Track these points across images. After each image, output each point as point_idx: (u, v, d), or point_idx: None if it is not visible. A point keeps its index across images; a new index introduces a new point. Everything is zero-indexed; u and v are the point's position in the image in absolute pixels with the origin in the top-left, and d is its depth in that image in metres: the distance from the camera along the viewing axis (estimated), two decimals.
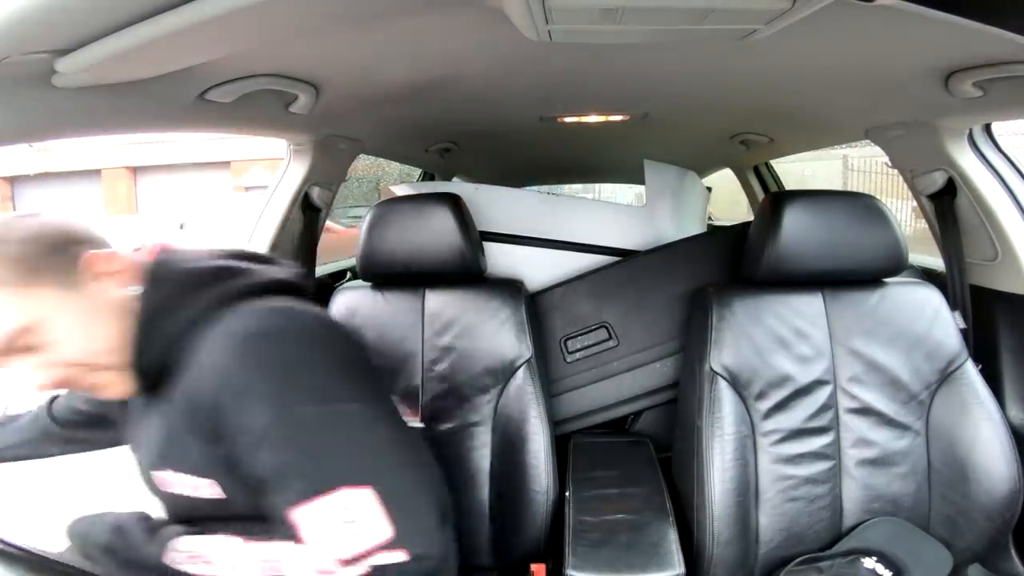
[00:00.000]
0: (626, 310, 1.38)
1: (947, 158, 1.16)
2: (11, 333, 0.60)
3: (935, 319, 1.07)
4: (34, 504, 1.43)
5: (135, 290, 0.67)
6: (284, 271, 0.76)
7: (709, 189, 2.43)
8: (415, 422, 0.80)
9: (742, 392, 1.04)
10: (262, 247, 1.32)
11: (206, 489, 0.66)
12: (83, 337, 0.64)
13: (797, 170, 3.45)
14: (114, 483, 1.02)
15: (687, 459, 1.06)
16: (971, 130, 1.15)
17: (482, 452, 1.11)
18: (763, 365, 1.04)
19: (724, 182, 2.82)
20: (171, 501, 0.71)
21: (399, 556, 0.58)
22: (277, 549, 0.62)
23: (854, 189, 3.72)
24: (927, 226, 1.31)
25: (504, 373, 1.11)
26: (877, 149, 1.33)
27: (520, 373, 1.11)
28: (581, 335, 1.39)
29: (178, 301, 0.67)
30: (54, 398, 0.91)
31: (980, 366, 1.08)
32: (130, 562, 0.65)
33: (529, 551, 1.05)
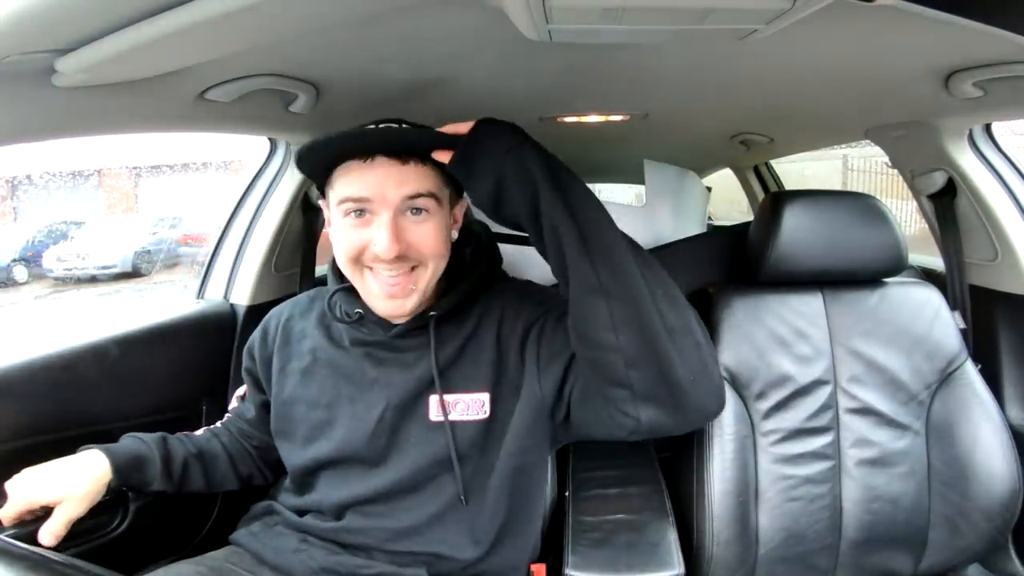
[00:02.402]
0: None
1: (947, 158, 1.16)
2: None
3: (935, 319, 1.07)
4: None
5: None
6: None
7: (709, 189, 2.43)
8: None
9: (742, 392, 1.04)
10: (262, 246, 1.32)
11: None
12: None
13: (797, 170, 3.45)
14: None
15: (687, 459, 1.06)
16: (971, 130, 1.16)
17: None
18: (763, 365, 1.04)
19: (724, 182, 2.82)
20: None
21: None
22: None
23: (854, 189, 3.72)
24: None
25: None
26: (877, 149, 1.33)
27: None
28: None
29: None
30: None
31: (980, 366, 1.08)
32: None
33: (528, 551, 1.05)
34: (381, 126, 0.76)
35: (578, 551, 0.88)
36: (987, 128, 1.18)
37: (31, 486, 0.78)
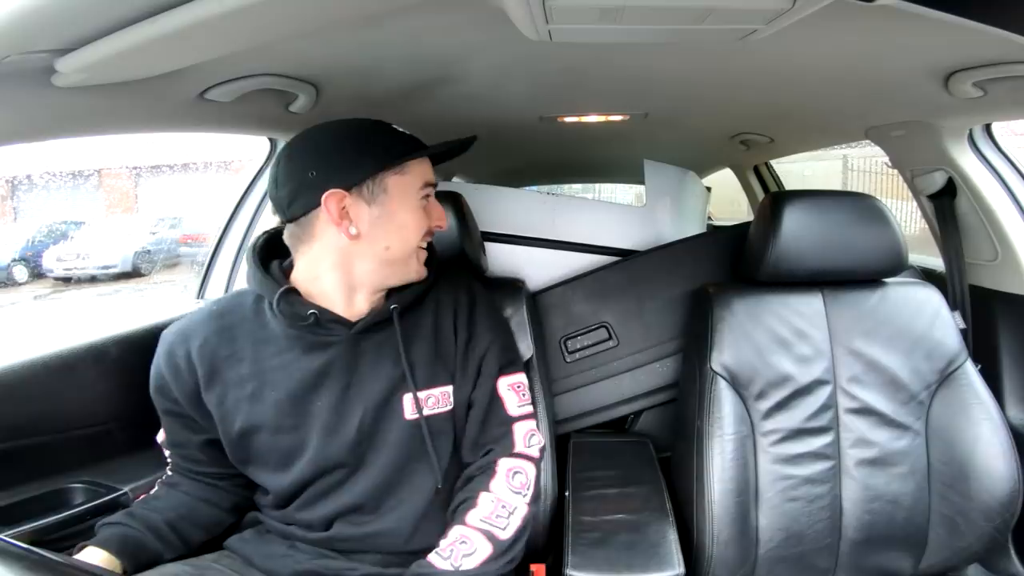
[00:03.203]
0: (626, 310, 1.38)
1: (947, 158, 1.16)
2: None
3: (935, 319, 1.07)
4: None
5: None
6: None
7: (709, 189, 2.43)
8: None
9: (742, 392, 1.04)
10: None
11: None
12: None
13: (797, 170, 3.45)
14: None
15: (687, 459, 1.06)
16: (971, 130, 1.16)
17: None
18: (763, 365, 1.04)
19: (724, 182, 2.82)
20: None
21: None
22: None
23: (854, 189, 3.72)
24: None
25: None
26: (877, 149, 1.33)
27: None
28: (581, 335, 1.39)
29: None
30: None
31: (980, 366, 1.08)
32: None
33: (529, 551, 1.05)
34: None
35: (578, 551, 0.88)
36: (987, 128, 1.18)
37: None
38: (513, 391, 0.91)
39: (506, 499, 0.83)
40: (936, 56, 0.81)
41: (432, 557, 0.78)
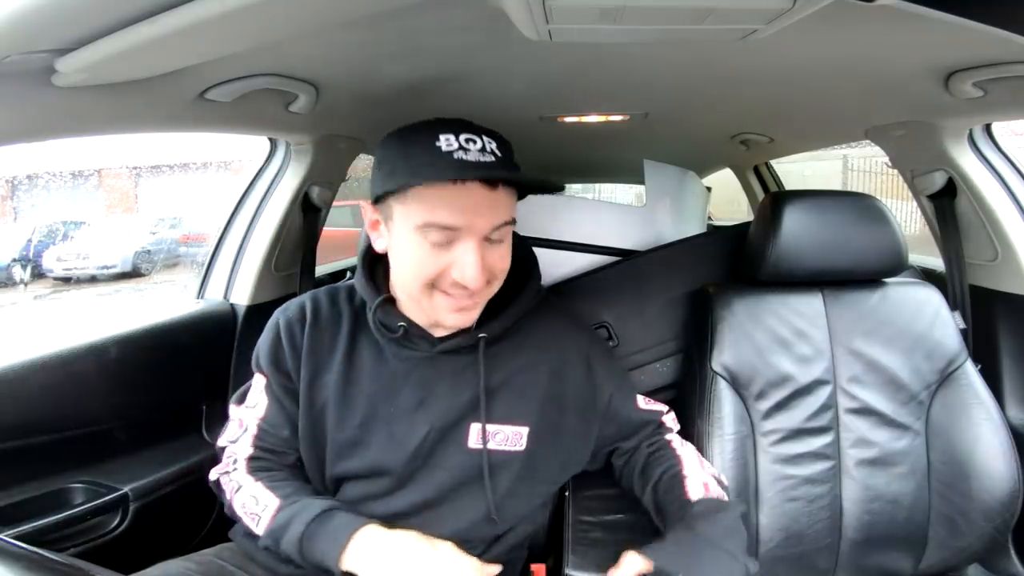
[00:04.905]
0: (626, 310, 1.38)
1: (947, 158, 1.16)
2: None
3: (935, 319, 1.07)
4: None
5: None
6: None
7: (709, 189, 2.43)
8: None
9: (742, 392, 1.04)
10: (262, 246, 1.32)
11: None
12: None
13: (797, 170, 3.45)
14: None
15: None
16: (971, 130, 1.16)
17: None
18: (763, 365, 1.04)
19: (724, 182, 2.82)
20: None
21: None
22: None
23: (854, 189, 3.72)
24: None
25: None
26: (877, 149, 1.33)
27: None
28: None
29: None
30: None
31: (980, 366, 1.08)
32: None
33: (529, 551, 1.05)
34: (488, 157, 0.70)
35: (578, 551, 0.88)
36: (987, 128, 1.18)
37: None
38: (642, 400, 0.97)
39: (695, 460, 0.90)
40: (936, 56, 0.81)
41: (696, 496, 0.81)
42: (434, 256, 0.71)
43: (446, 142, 0.69)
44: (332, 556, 0.71)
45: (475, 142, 0.69)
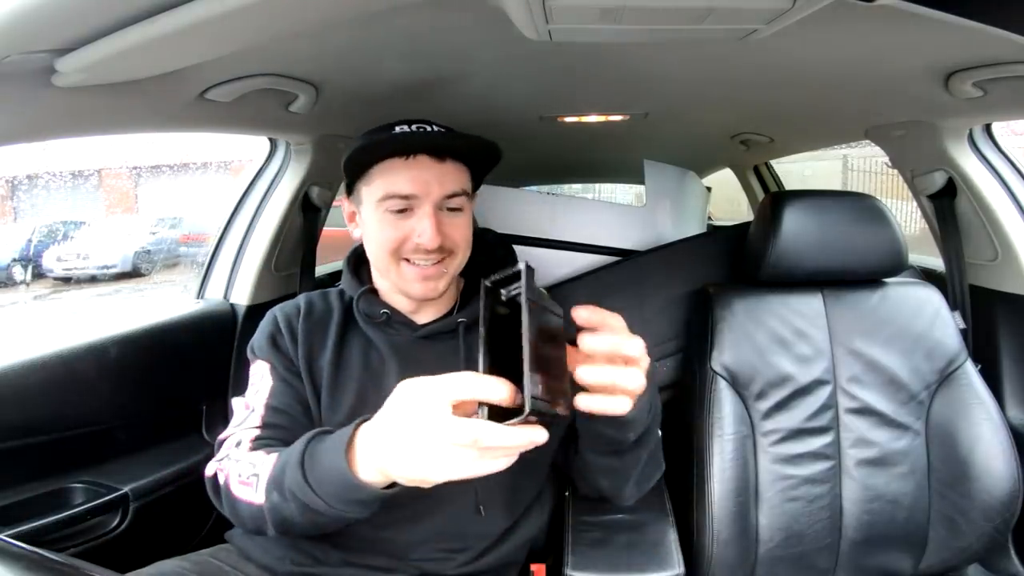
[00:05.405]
0: (625, 310, 1.36)
1: (947, 158, 1.16)
2: None
3: (935, 319, 1.07)
4: None
5: None
6: None
7: (709, 189, 2.43)
8: None
9: (742, 392, 1.04)
10: (262, 246, 1.32)
11: None
12: None
13: (797, 170, 3.45)
14: None
15: (687, 459, 1.06)
16: (971, 130, 1.16)
17: None
18: (763, 365, 1.04)
19: (724, 182, 2.82)
20: None
21: None
22: None
23: (854, 189, 3.72)
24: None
25: None
26: (877, 149, 1.33)
27: None
28: None
29: None
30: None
31: (980, 366, 1.08)
32: None
33: (529, 551, 1.05)
34: (436, 129, 0.81)
35: (578, 551, 0.88)
36: (987, 128, 1.18)
37: None
38: None
39: None
40: (936, 56, 0.81)
41: None
42: (396, 224, 0.80)
43: (400, 129, 0.80)
44: (339, 464, 0.64)
45: (426, 128, 0.80)
